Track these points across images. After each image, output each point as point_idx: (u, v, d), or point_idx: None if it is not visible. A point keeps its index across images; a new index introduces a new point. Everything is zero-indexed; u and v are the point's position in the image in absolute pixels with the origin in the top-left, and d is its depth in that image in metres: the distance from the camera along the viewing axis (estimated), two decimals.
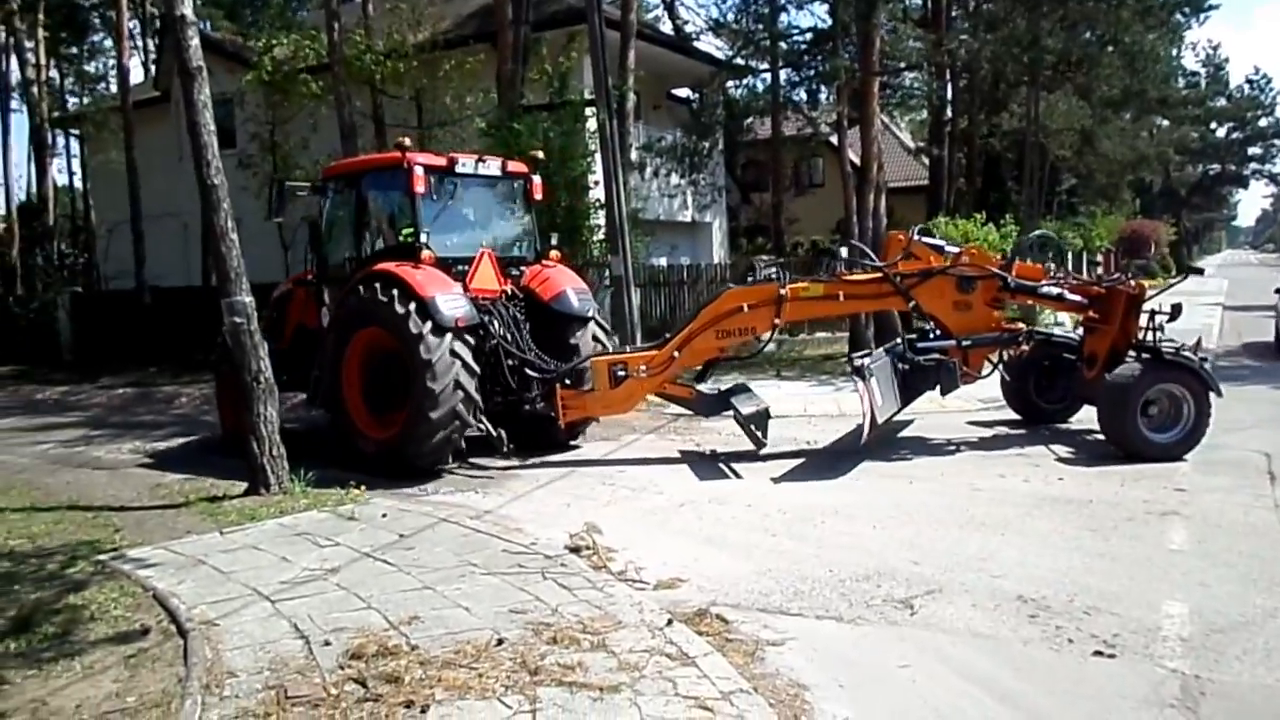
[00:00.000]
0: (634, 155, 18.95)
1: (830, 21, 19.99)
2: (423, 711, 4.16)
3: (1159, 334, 9.52)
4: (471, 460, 9.88)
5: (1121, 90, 26.07)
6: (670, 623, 5.12)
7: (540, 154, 11.83)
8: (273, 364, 9.12)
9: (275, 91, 20.25)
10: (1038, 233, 12.76)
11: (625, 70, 17.67)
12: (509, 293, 10.46)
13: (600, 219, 14.99)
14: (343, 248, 10.91)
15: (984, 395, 12.39)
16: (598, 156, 14.89)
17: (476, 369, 9.36)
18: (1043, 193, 31.59)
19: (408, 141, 10.29)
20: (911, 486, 8.32)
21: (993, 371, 10.45)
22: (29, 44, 32.11)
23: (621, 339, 13.46)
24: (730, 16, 23.66)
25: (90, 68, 46.50)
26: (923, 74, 24.82)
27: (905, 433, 10.64)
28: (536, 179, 11.16)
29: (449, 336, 9.09)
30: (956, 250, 10.25)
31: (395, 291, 9.28)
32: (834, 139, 24.63)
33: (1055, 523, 7.06)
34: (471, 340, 9.41)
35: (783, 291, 9.81)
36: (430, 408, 9.00)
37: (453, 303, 9.25)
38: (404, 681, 4.43)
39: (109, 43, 41.10)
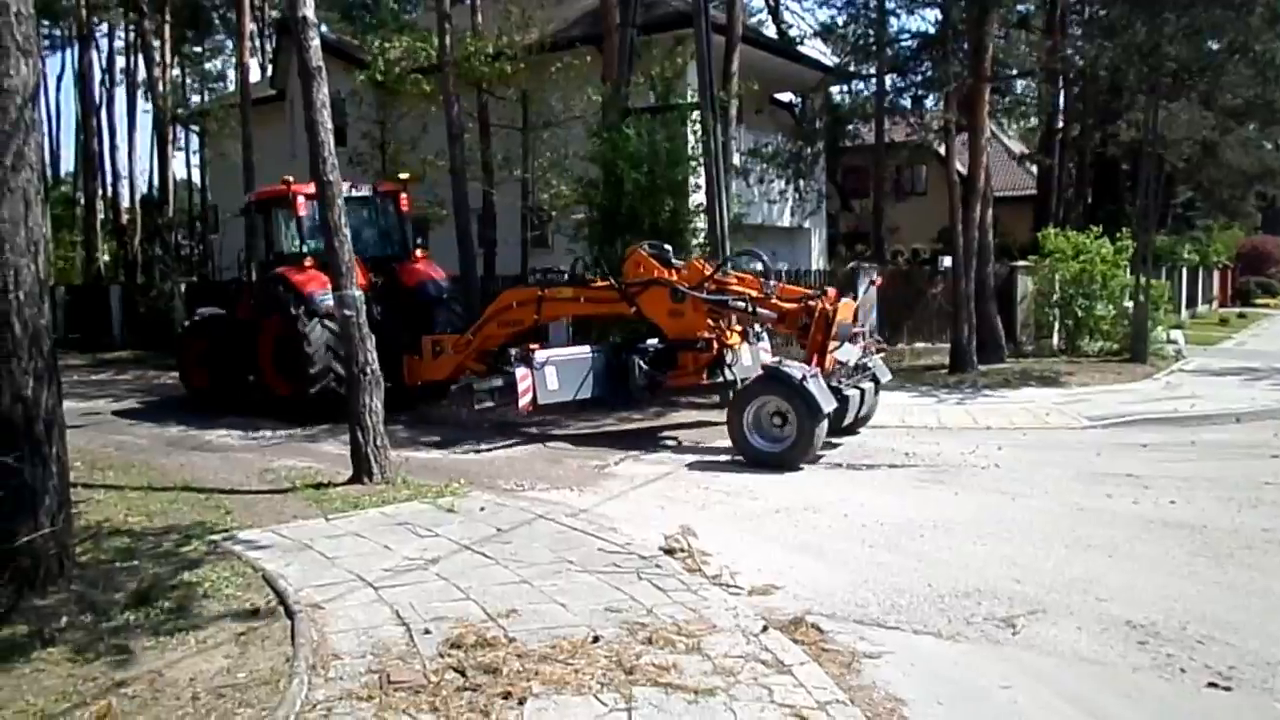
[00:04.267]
0: (737, 160, 18.87)
1: (940, 27, 19.62)
2: (520, 703, 4.22)
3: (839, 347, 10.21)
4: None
5: (1246, 100, 24.94)
6: (765, 629, 5.09)
7: (407, 176, 15.60)
8: (240, 341, 14.06)
9: (386, 91, 20.76)
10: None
11: (729, 74, 17.62)
12: (377, 284, 13.62)
13: (702, 223, 14.97)
14: (260, 253, 14.98)
15: (1093, 413, 12.07)
16: (701, 160, 14.87)
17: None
18: (1157, 205, 30.44)
19: (291, 178, 13.82)
20: (1014, 503, 8.12)
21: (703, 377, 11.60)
22: (155, 43, 33.51)
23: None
24: (839, 21, 23.33)
25: (210, 66, 48.45)
26: (1035, 81, 24.16)
27: (1008, 448, 10.38)
28: (404, 195, 14.80)
29: (319, 318, 12.58)
30: (680, 264, 11.42)
31: (283, 288, 13.08)
32: (940, 146, 24.18)
33: (1166, 547, 6.81)
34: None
35: (541, 294, 12.05)
36: (309, 365, 12.69)
37: (324, 295, 12.13)
38: (502, 673, 4.50)
39: (229, 43, 42.74)
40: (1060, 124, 26.87)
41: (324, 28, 30.45)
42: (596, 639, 4.91)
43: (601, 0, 17.89)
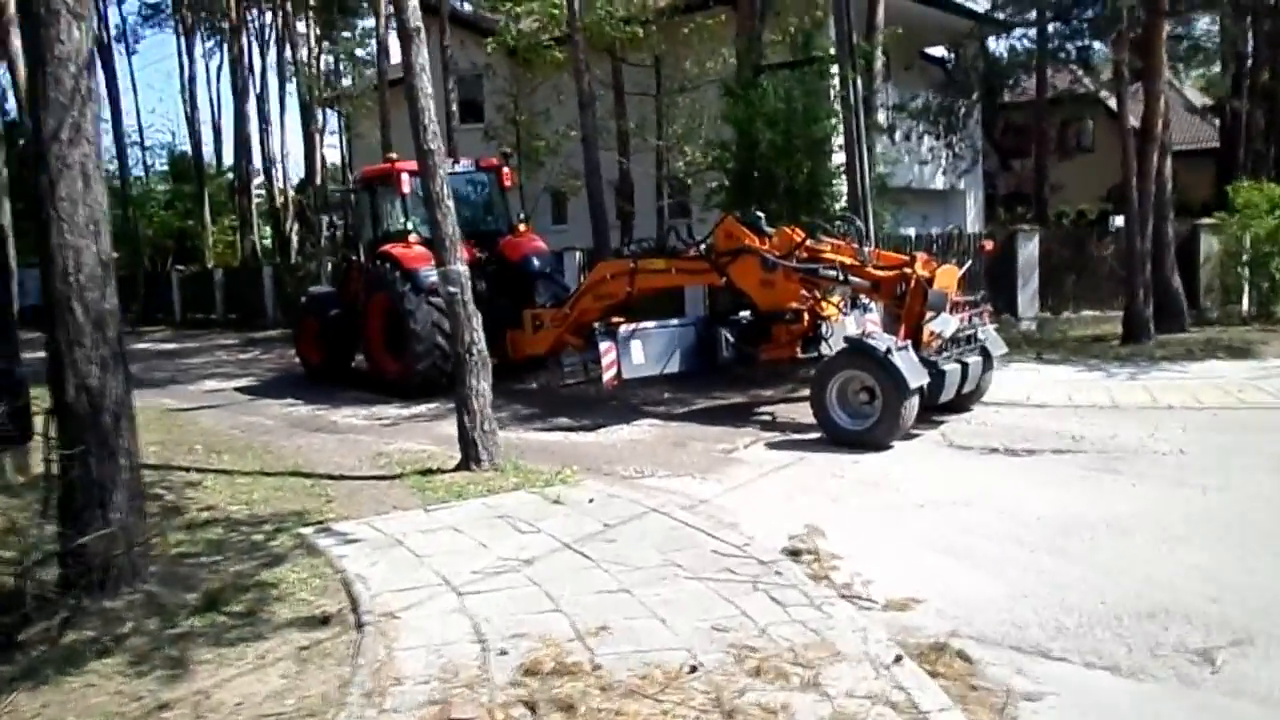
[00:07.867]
0: (882, 117, 17.63)
1: None
2: None
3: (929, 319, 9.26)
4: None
5: None
6: (899, 659, 4.26)
7: (508, 150, 16.20)
8: (347, 320, 14.44)
9: (519, 63, 20.41)
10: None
11: (874, 26, 16.41)
12: (482, 260, 13.41)
13: (844, 185, 13.91)
14: (368, 231, 14.83)
15: None
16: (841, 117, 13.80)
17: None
18: None
19: (395, 155, 14.28)
20: (1205, 498, 6.93)
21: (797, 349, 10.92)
22: (300, 28, 34.22)
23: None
24: None
25: (361, 52, 49.47)
26: (1220, 19, 21.84)
27: (1195, 431, 9.06)
28: (506, 169, 14.98)
29: (424, 295, 12.40)
30: (772, 232, 10.71)
31: (389, 265, 13.07)
32: (1109, 97, 22.21)
33: None
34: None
35: (634, 265, 11.69)
36: (416, 343, 12.69)
37: (429, 272, 11.90)
38: (578, 711, 3.83)
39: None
40: (1248, 66, 24.27)
41: (463, 5, 30.43)
42: (694, 669, 4.19)
43: None
